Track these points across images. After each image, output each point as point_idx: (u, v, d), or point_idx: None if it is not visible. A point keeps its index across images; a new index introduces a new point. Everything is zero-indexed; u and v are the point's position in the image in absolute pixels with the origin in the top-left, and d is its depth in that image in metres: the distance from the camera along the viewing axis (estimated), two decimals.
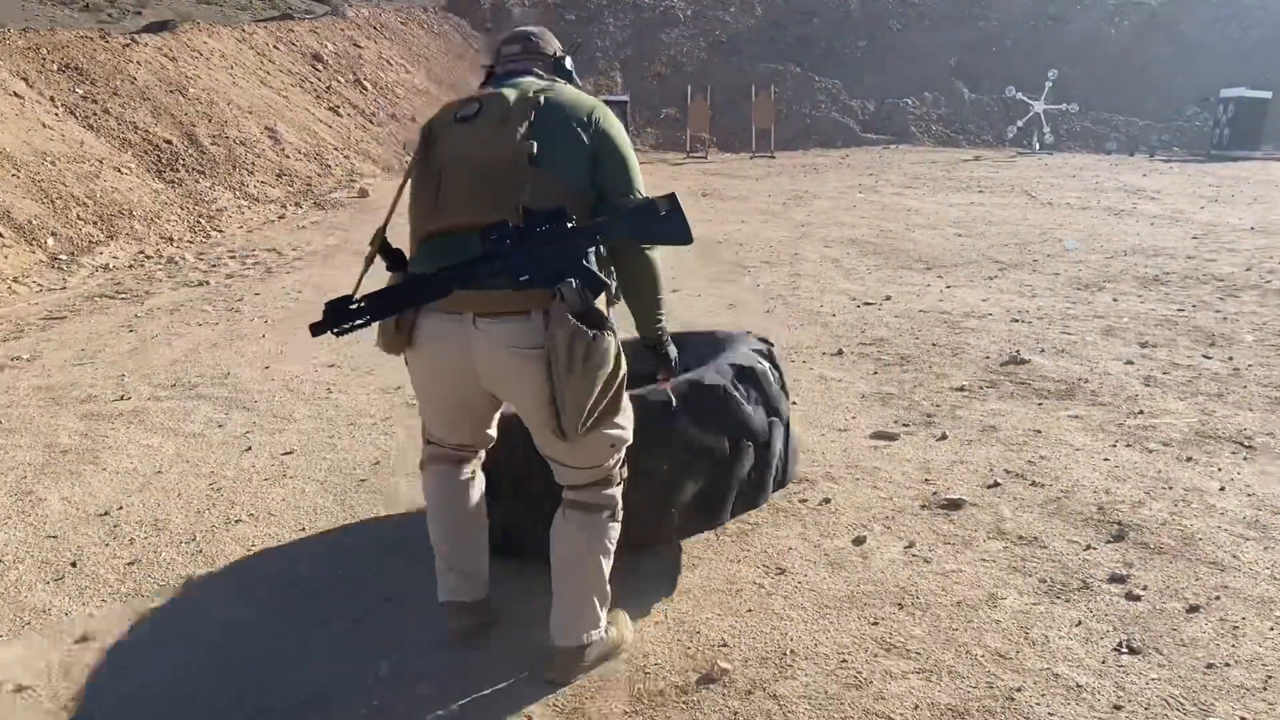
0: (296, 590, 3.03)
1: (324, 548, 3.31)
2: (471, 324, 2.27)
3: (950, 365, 5.41)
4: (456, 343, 2.31)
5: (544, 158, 2.27)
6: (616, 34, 25.69)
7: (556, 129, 2.31)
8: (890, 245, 9.55)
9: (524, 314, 2.23)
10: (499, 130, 2.30)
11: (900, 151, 21.39)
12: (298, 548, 3.31)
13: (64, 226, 8.97)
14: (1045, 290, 7.35)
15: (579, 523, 2.45)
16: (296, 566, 3.18)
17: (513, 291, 2.20)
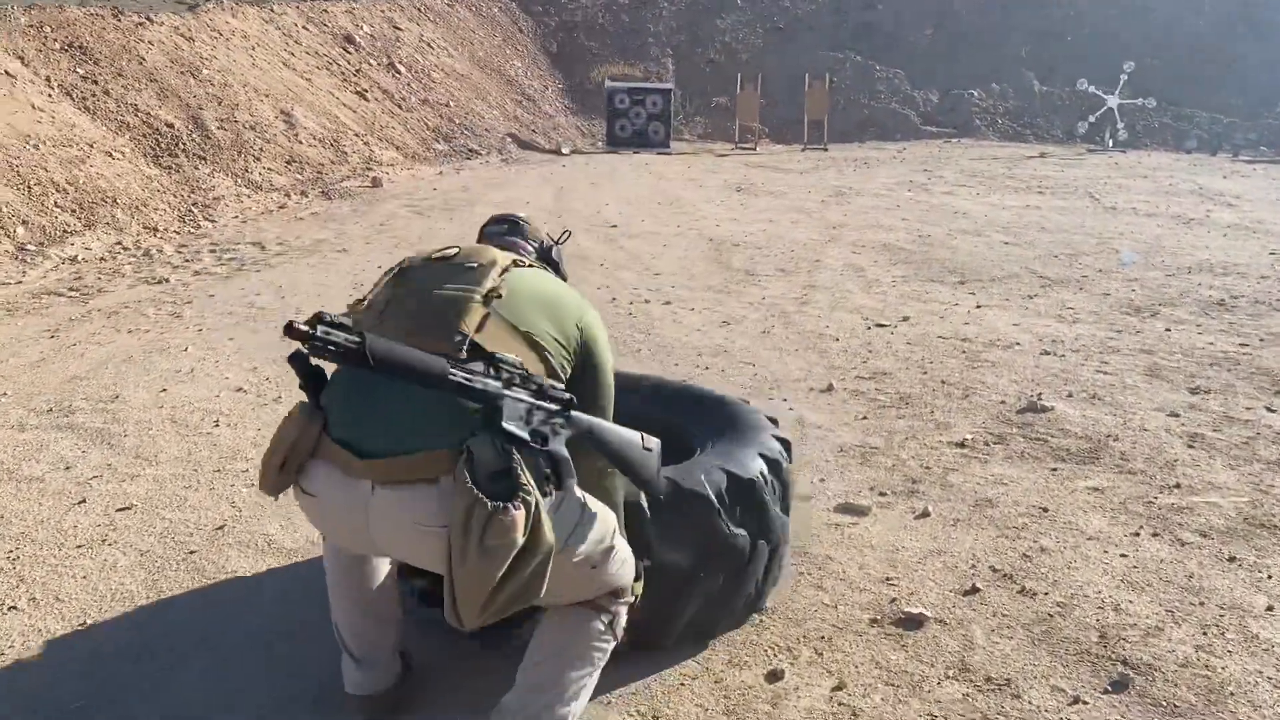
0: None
1: (85, 657, 2.62)
2: (369, 492, 1.90)
3: (956, 411, 4.57)
4: (350, 510, 1.94)
5: (507, 308, 2.04)
6: (670, 19, 24.83)
7: (531, 295, 2.10)
8: (925, 253, 8.65)
9: (431, 481, 1.86)
10: (469, 271, 2.10)
11: (961, 146, 20.26)
12: (58, 653, 2.63)
13: (37, 214, 8.47)
14: (1088, 314, 6.42)
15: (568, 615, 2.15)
16: (40, 689, 2.50)
17: (419, 455, 1.86)
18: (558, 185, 13.20)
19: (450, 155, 15.44)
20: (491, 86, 19.95)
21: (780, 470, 2.80)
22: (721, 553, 2.60)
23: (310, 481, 1.99)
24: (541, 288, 2.14)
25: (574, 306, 2.17)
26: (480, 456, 1.81)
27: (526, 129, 19.08)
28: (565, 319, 2.13)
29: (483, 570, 1.77)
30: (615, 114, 18.98)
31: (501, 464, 1.82)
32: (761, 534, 2.69)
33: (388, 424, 1.91)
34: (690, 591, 2.58)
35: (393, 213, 10.51)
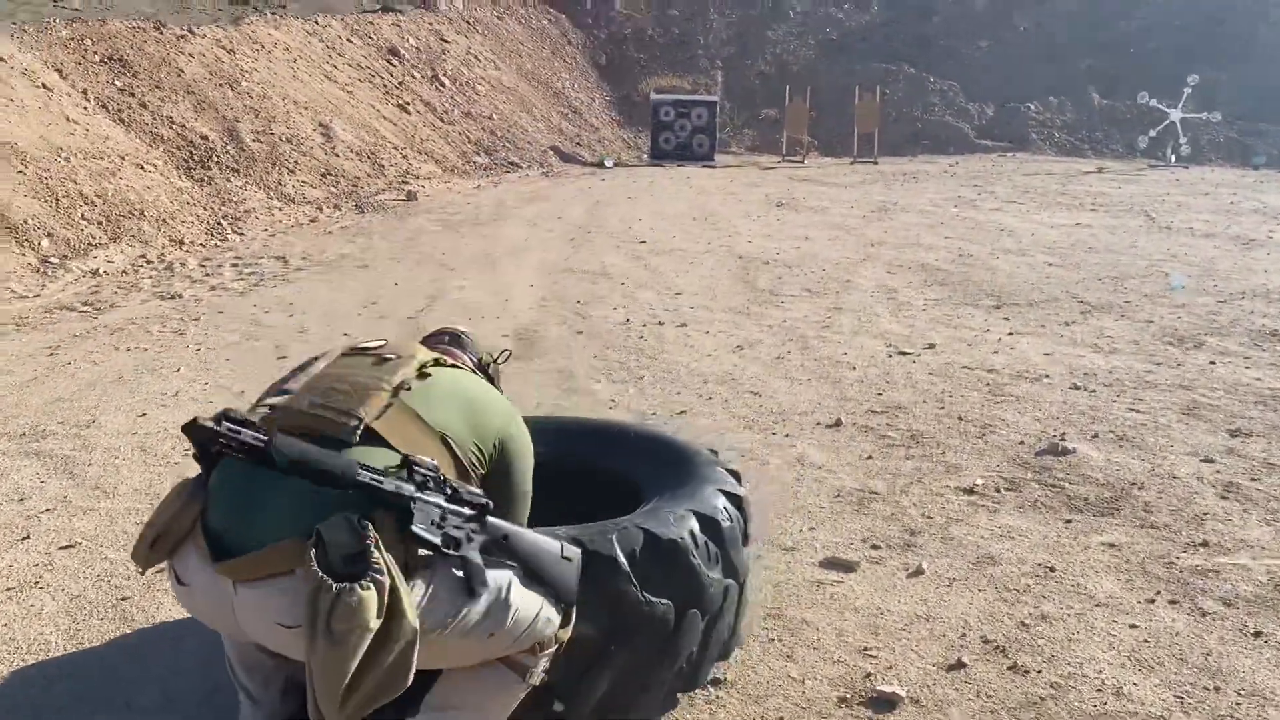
0: None
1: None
2: (233, 590, 1.78)
3: (970, 452, 4.26)
4: (220, 606, 1.83)
5: (417, 401, 1.96)
6: (720, 31, 24.59)
7: (449, 393, 2.03)
8: (963, 274, 8.30)
9: (288, 574, 1.72)
10: (385, 362, 2.03)
11: (1016, 160, 19.72)
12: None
13: (64, 227, 8.47)
14: (1127, 344, 6.05)
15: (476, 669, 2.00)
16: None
17: (267, 550, 1.73)
18: (593, 199, 13.02)
19: (490, 168, 15.35)
20: (537, 99, 19.88)
21: (719, 530, 2.47)
22: (636, 624, 2.28)
23: (183, 568, 1.87)
24: (465, 389, 2.09)
25: (500, 414, 2.11)
26: (332, 539, 1.68)
27: (570, 142, 18.96)
28: (486, 424, 2.07)
29: (334, 659, 1.62)
30: (660, 126, 18.78)
31: (355, 546, 1.68)
32: (691, 602, 2.37)
33: (248, 516, 1.80)
34: (599, 667, 2.28)
35: (422, 227, 10.40)
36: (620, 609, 2.26)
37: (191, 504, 1.86)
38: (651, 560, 2.29)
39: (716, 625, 2.49)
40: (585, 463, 2.83)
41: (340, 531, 1.69)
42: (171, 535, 1.85)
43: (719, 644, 2.55)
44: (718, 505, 2.52)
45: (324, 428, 1.86)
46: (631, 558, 2.26)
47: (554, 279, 7.97)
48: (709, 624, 2.45)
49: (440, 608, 1.82)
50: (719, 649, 2.56)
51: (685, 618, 2.36)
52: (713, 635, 2.49)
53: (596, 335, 6.24)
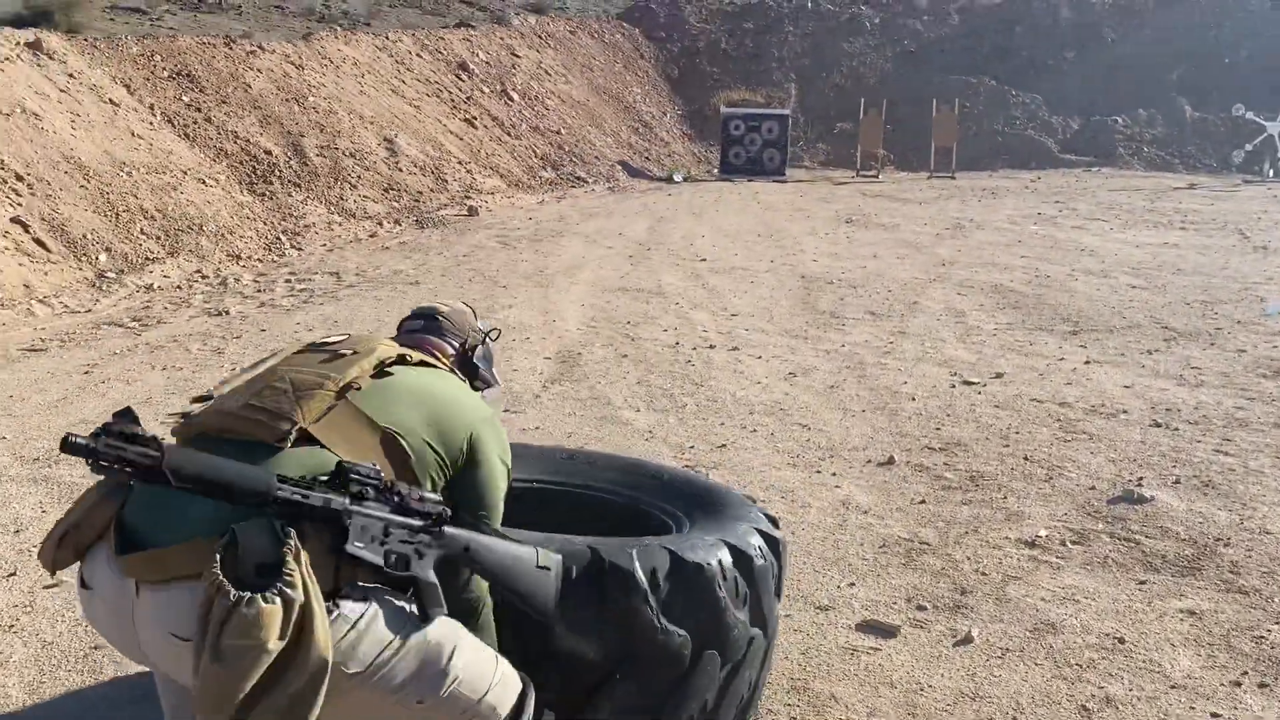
0: None
1: None
2: (134, 594, 1.56)
3: (1034, 497, 3.88)
4: (119, 614, 1.61)
5: (371, 405, 1.74)
6: (795, 43, 24.19)
7: (409, 392, 1.81)
8: (1038, 296, 7.85)
9: (193, 579, 1.48)
10: (339, 359, 1.82)
11: (1101, 176, 18.97)
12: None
13: (122, 241, 8.49)
14: (1216, 376, 5.57)
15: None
16: None
17: (175, 548, 1.52)
18: (657, 215, 12.77)
19: (556, 183, 15.21)
20: (607, 113, 19.73)
21: (750, 566, 2.23)
22: (647, 653, 2.05)
23: (89, 570, 1.65)
24: (428, 386, 1.86)
25: (470, 410, 1.88)
26: (247, 543, 1.48)
27: (639, 156, 18.76)
28: (452, 423, 1.82)
29: (219, 680, 1.40)
30: (730, 141, 18.46)
31: (273, 554, 1.47)
32: (712, 641, 2.12)
33: (166, 513, 1.58)
34: (600, 696, 2.03)
35: (480, 243, 10.25)
36: (631, 632, 2.04)
37: (109, 500, 1.64)
38: (674, 585, 2.07)
39: (737, 677, 2.22)
40: (615, 498, 2.60)
41: (258, 535, 1.50)
42: (83, 532, 1.64)
43: (736, 701, 2.26)
44: (752, 541, 2.28)
45: (252, 431, 1.65)
46: (652, 577, 2.05)
47: (606, 298, 7.72)
48: (729, 673, 2.18)
49: (372, 644, 1.60)
50: (736, 707, 2.27)
51: (703, 657, 2.12)
52: (731, 687, 2.21)
53: (642, 359, 5.96)
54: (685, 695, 2.13)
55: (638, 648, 2.06)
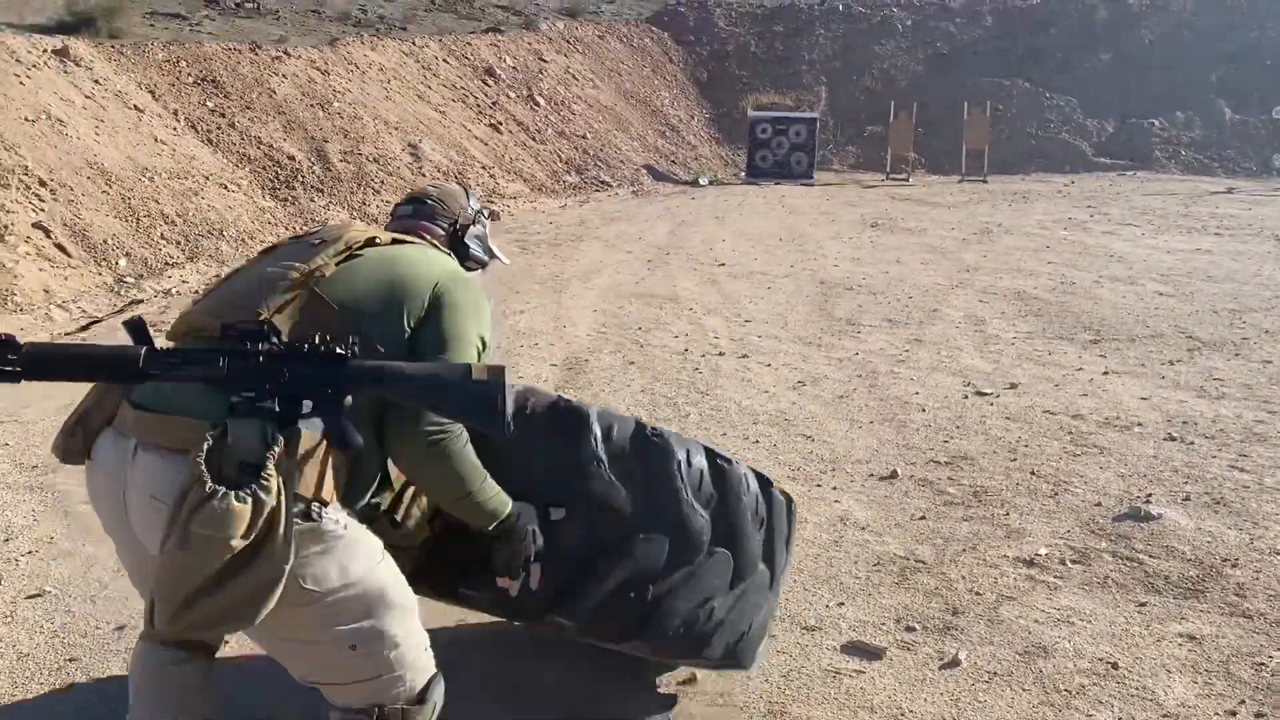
0: None
1: None
2: (132, 455, 1.69)
3: (1038, 514, 3.77)
4: (114, 477, 1.72)
5: (333, 289, 1.80)
6: (826, 46, 24.04)
7: (372, 275, 1.85)
8: (1062, 304, 7.70)
9: (182, 452, 1.60)
10: (310, 249, 1.88)
11: (1137, 180, 18.67)
12: None
13: (142, 246, 8.56)
14: (1238, 388, 5.42)
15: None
16: None
17: (180, 418, 1.65)
18: (679, 219, 12.70)
19: (580, 187, 15.19)
20: (634, 117, 19.70)
21: (771, 499, 2.45)
22: (670, 522, 2.21)
23: (97, 447, 1.79)
24: (393, 260, 1.90)
25: (433, 275, 1.91)
26: (238, 438, 1.58)
27: (666, 160, 18.71)
28: (414, 288, 1.86)
29: (181, 563, 1.52)
30: (757, 144, 18.37)
31: (258, 455, 1.57)
32: (729, 542, 2.31)
33: (176, 390, 1.69)
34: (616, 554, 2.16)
35: (499, 248, 10.21)
36: (657, 497, 2.21)
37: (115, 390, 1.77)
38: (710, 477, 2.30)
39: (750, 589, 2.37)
40: None
41: (248, 434, 1.59)
42: (93, 417, 1.78)
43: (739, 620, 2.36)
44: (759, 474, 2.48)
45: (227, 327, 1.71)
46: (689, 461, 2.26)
47: (620, 303, 7.67)
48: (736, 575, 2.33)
49: (334, 568, 1.69)
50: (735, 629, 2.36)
51: (716, 554, 2.28)
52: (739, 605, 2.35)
53: (649, 366, 5.90)
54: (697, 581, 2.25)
55: (662, 513, 2.21)
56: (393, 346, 1.80)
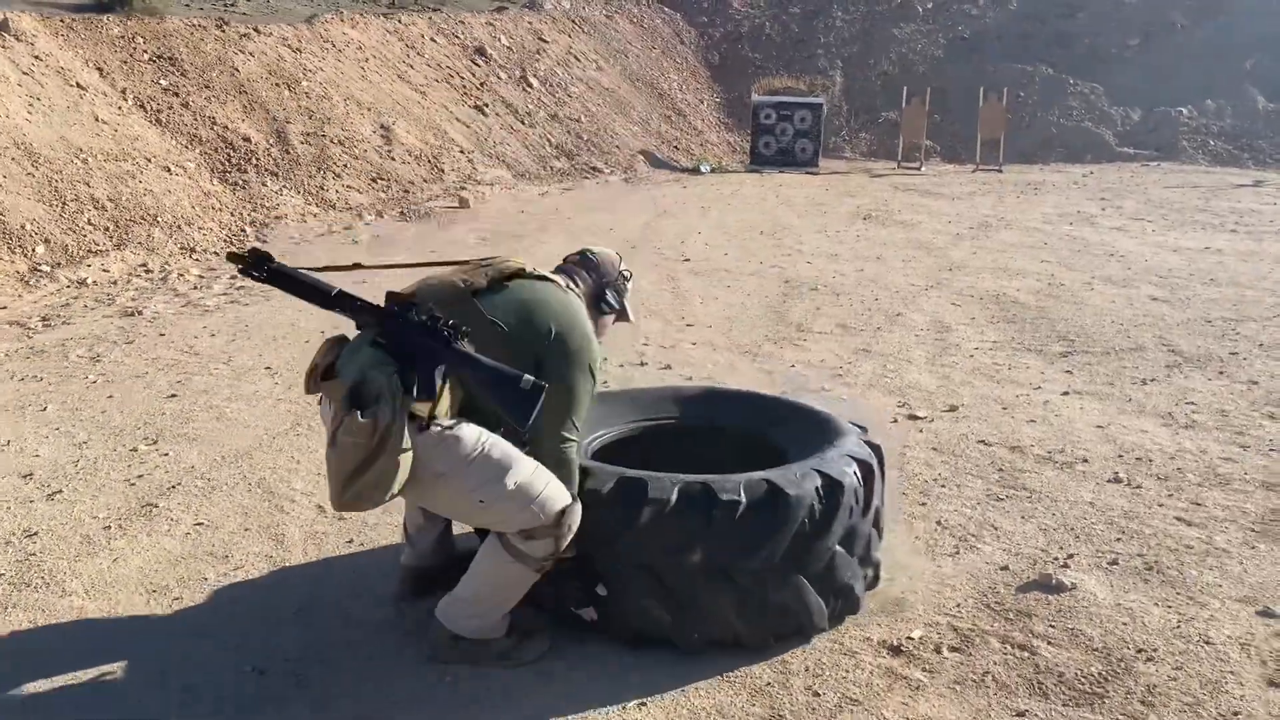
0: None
1: None
2: (328, 406, 2.49)
3: (927, 580, 3.15)
4: (325, 411, 2.52)
5: (485, 302, 2.54)
6: (843, 29, 23.20)
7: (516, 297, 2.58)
8: (1041, 310, 7.02)
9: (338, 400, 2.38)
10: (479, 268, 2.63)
11: (1160, 170, 17.76)
12: None
13: (64, 233, 8.06)
14: (1212, 415, 4.74)
15: (489, 548, 2.55)
16: None
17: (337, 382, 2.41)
18: (661, 209, 12.06)
19: (569, 173, 14.58)
20: (638, 101, 19.03)
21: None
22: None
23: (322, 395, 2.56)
24: (531, 293, 2.61)
25: (555, 317, 2.58)
26: (371, 379, 2.31)
27: (668, 145, 18.04)
28: (539, 323, 2.55)
29: (334, 458, 2.31)
30: (760, 130, 17.63)
31: (382, 390, 2.28)
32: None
33: (347, 359, 2.47)
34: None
35: (456, 239, 9.66)
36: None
37: (332, 349, 2.55)
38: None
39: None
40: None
41: (378, 375, 2.30)
42: (317, 370, 2.52)
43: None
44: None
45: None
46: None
47: None
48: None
49: (450, 455, 2.38)
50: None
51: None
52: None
53: None
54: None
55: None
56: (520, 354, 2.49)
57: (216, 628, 2.82)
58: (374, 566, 3.17)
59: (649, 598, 2.64)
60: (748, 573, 2.62)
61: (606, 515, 2.61)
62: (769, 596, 2.66)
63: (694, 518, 2.59)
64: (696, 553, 2.59)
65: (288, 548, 3.30)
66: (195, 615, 2.90)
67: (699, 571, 2.61)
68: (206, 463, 4.00)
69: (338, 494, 2.32)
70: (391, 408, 2.26)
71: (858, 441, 2.97)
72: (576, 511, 2.52)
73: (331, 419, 2.37)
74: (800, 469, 2.75)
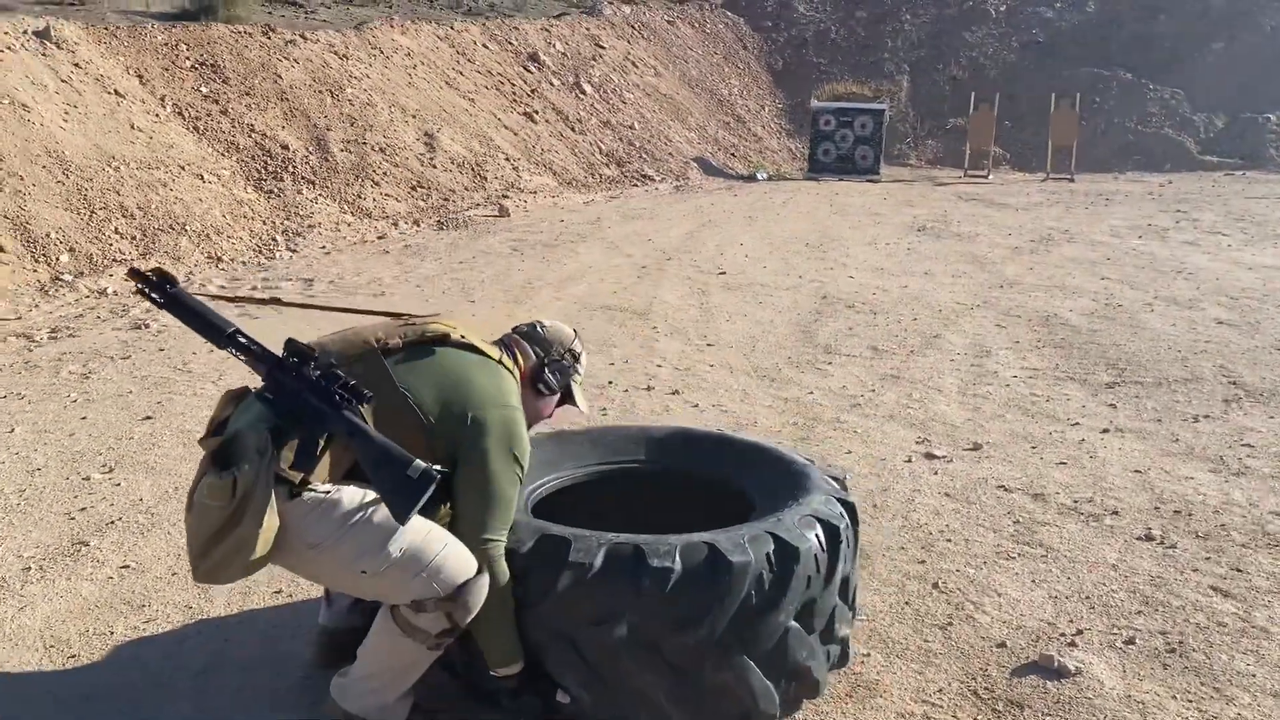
0: None
1: None
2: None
3: (909, 657, 2.77)
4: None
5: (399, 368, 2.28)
6: (911, 33, 22.58)
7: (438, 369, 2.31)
8: (1093, 333, 6.53)
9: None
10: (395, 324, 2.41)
11: (1244, 180, 16.87)
12: None
13: (89, 241, 8.01)
14: (1269, 459, 4.25)
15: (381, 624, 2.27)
16: None
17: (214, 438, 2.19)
18: (706, 219, 11.71)
19: (618, 181, 14.30)
20: (696, 107, 18.69)
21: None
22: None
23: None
24: (457, 370, 2.32)
25: (481, 399, 2.29)
26: (245, 438, 2.04)
27: (725, 152, 17.67)
28: (460, 402, 2.27)
29: (192, 522, 2.09)
30: (819, 137, 17.17)
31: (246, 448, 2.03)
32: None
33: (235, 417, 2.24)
34: None
35: (489, 249, 9.43)
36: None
37: (229, 403, 2.29)
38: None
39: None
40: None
41: (248, 433, 2.06)
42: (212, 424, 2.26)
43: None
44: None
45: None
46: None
47: (580, 318, 6.77)
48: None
49: (325, 523, 2.12)
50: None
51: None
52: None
53: None
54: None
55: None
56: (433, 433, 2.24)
57: (105, 692, 2.57)
58: (294, 623, 2.89)
59: (568, 673, 2.31)
60: (681, 650, 2.28)
61: (525, 578, 2.29)
62: (706, 677, 2.31)
63: (621, 584, 2.25)
64: (622, 625, 2.26)
65: (210, 596, 3.04)
66: (89, 675, 2.64)
67: (625, 646, 2.27)
68: (155, 495, 3.77)
69: (195, 563, 2.08)
70: (255, 468, 2.01)
71: (826, 498, 2.60)
72: (480, 587, 2.21)
73: (194, 480, 2.14)
74: (751, 530, 2.39)
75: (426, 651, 2.25)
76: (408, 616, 2.19)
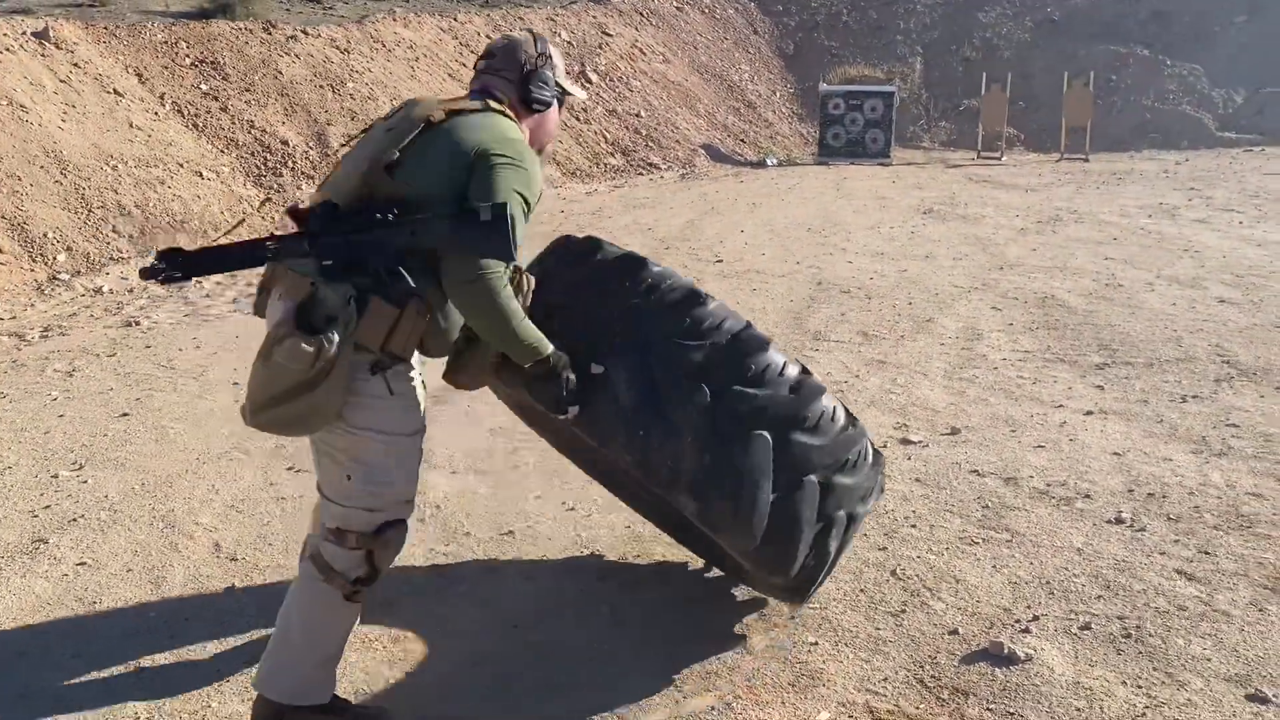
0: None
1: None
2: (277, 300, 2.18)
3: (858, 646, 2.72)
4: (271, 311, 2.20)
5: (403, 172, 2.14)
6: (924, 14, 22.35)
7: (430, 153, 2.16)
8: (1089, 314, 6.43)
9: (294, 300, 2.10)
10: (383, 136, 2.22)
11: (1263, 156, 16.60)
12: None
13: (87, 240, 8.06)
14: (1254, 439, 4.16)
15: (301, 572, 2.28)
16: None
17: (296, 275, 2.12)
18: (708, 206, 11.63)
19: (623, 170, 14.25)
20: (705, 93, 18.58)
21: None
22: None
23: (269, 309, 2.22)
24: (450, 142, 2.16)
25: (477, 141, 2.16)
26: (326, 296, 2.03)
27: (734, 139, 17.56)
28: (462, 155, 2.14)
29: (261, 375, 2.06)
30: (829, 120, 17.03)
31: (336, 311, 2.02)
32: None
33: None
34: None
35: None
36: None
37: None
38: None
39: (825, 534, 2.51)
40: None
41: (333, 295, 2.03)
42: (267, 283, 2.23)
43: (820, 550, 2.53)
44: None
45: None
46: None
47: None
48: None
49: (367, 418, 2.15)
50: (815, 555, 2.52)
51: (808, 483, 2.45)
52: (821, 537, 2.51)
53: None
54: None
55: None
56: (439, 208, 2.10)
57: (47, 690, 2.56)
58: (237, 610, 2.88)
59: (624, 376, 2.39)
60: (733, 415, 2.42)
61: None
62: (735, 455, 2.39)
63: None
64: (700, 353, 2.43)
65: (164, 592, 3.04)
66: (33, 673, 2.64)
67: (691, 375, 2.40)
68: (121, 492, 3.77)
69: (254, 412, 2.09)
70: (342, 337, 2.01)
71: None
72: (401, 534, 2.23)
73: (274, 327, 2.06)
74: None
75: (343, 603, 2.22)
76: (328, 556, 2.19)
